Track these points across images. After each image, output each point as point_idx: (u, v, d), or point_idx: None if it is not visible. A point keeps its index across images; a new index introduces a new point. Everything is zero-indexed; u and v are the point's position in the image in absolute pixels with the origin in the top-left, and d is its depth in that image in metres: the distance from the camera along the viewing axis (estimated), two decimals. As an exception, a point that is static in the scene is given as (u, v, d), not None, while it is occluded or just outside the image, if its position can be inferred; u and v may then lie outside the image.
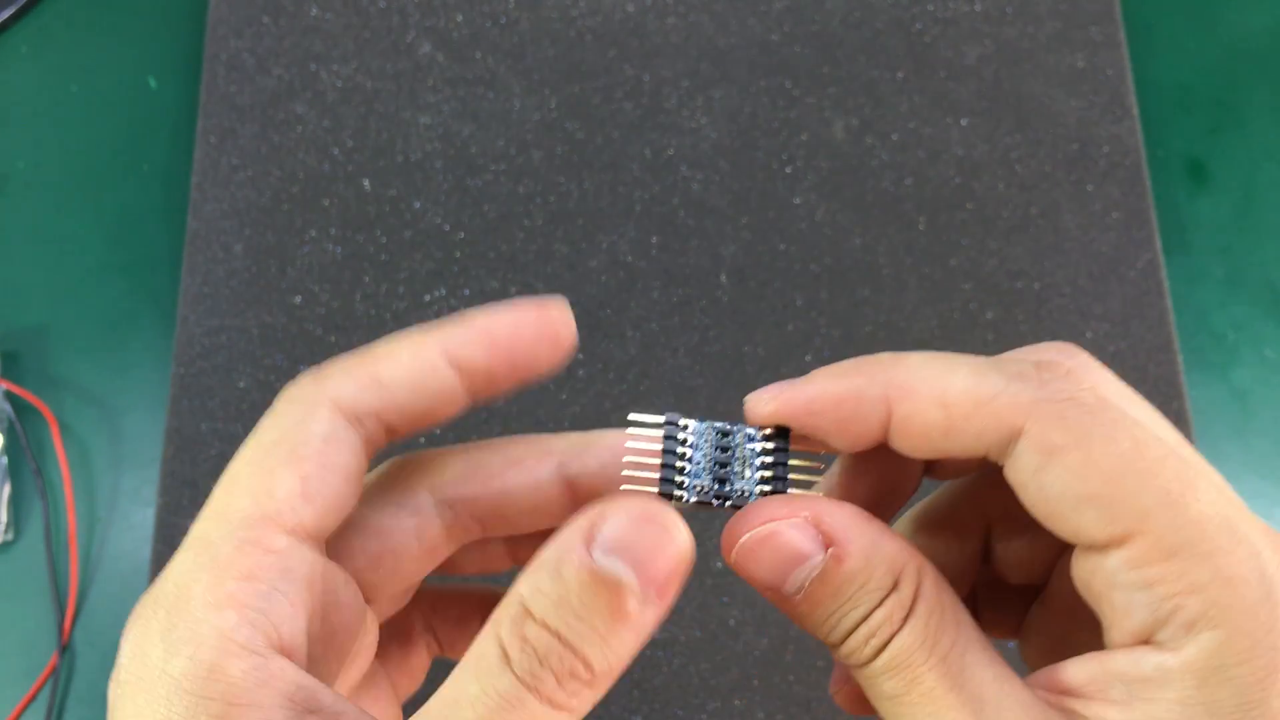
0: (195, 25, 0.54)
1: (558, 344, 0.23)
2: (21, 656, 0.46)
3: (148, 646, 0.20)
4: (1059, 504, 0.20)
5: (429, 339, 0.23)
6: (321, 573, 0.21)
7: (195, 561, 0.20)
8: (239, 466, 0.22)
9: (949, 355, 0.21)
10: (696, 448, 0.22)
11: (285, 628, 0.20)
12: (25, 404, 0.48)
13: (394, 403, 0.22)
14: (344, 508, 0.22)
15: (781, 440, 0.22)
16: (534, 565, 0.20)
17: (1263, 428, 0.50)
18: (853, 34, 0.53)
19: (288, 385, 0.23)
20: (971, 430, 0.20)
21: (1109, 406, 0.20)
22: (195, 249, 0.49)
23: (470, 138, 0.51)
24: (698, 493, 0.22)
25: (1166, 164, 0.53)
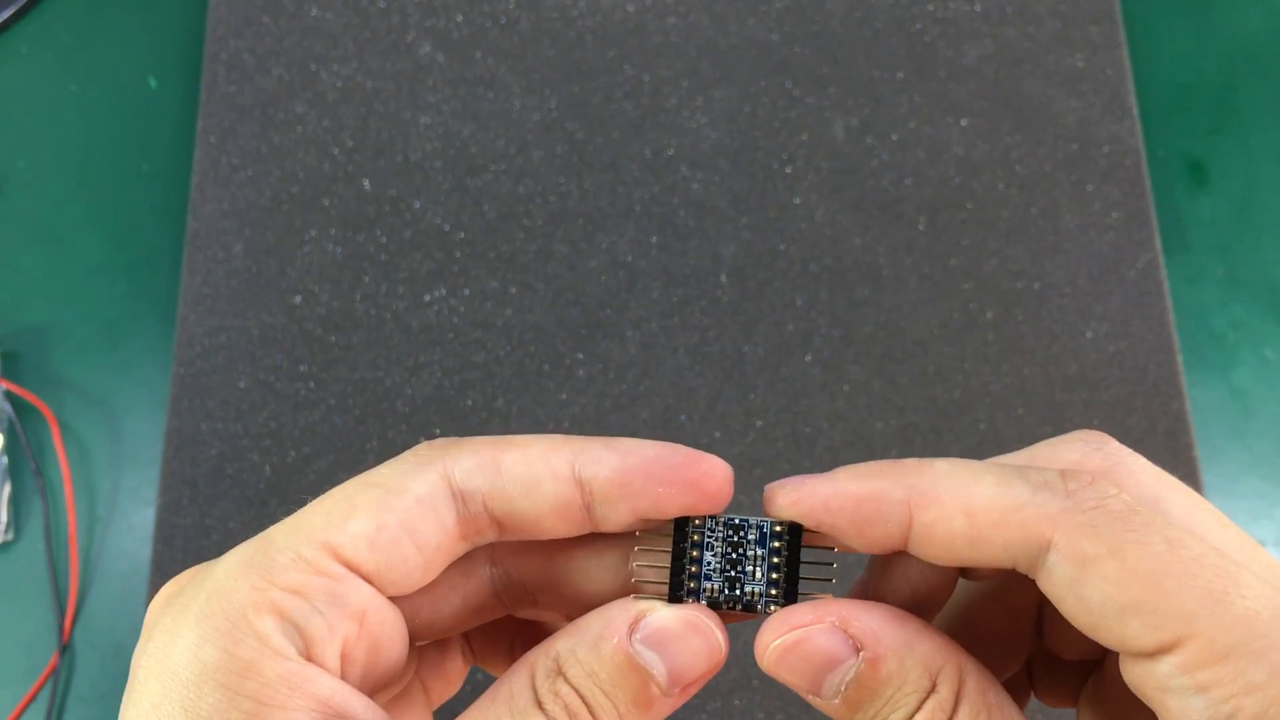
0: (195, 25, 0.54)
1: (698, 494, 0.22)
2: (22, 656, 0.46)
3: (182, 627, 0.20)
4: (1100, 615, 0.19)
5: (563, 444, 0.22)
6: (374, 610, 0.21)
7: (251, 559, 0.20)
8: (338, 490, 0.22)
9: (974, 463, 0.21)
10: (707, 548, 0.22)
11: (317, 647, 0.20)
12: (25, 404, 0.48)
13: (504, 493, 0.22)
14: (413, 573, 0.21)
15: (793, 538, 0.22)
16: (576, 627, 0.21)
17: (1263, 428, 0.50)
18: (853, 34, 0.53)
19: (424, 442, 0.23)
20: (998, 541, 0.20)
21: (1138, 510, 0.20)
22: (195, 249, 0.49)
23: (470, 138, 0.51)
24: (708, 596, 0.22)
25: (1166, 164, 0.53)
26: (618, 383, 0.48)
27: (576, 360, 0.48)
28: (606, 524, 0.22)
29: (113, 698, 0.45)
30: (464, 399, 0.48)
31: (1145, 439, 0.47)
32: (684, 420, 0.47)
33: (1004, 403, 0.48)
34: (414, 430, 0.47)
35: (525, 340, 0.48)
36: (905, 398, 0.48)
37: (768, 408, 0.48)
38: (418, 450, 0.22)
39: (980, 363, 0.48)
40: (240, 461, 0.47)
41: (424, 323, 0.49)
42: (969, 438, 0.47)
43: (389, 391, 0.48)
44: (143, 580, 0.46)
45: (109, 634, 0.46)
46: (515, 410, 0.47)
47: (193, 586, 0.21)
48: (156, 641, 0.20)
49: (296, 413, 0.47)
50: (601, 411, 0.47)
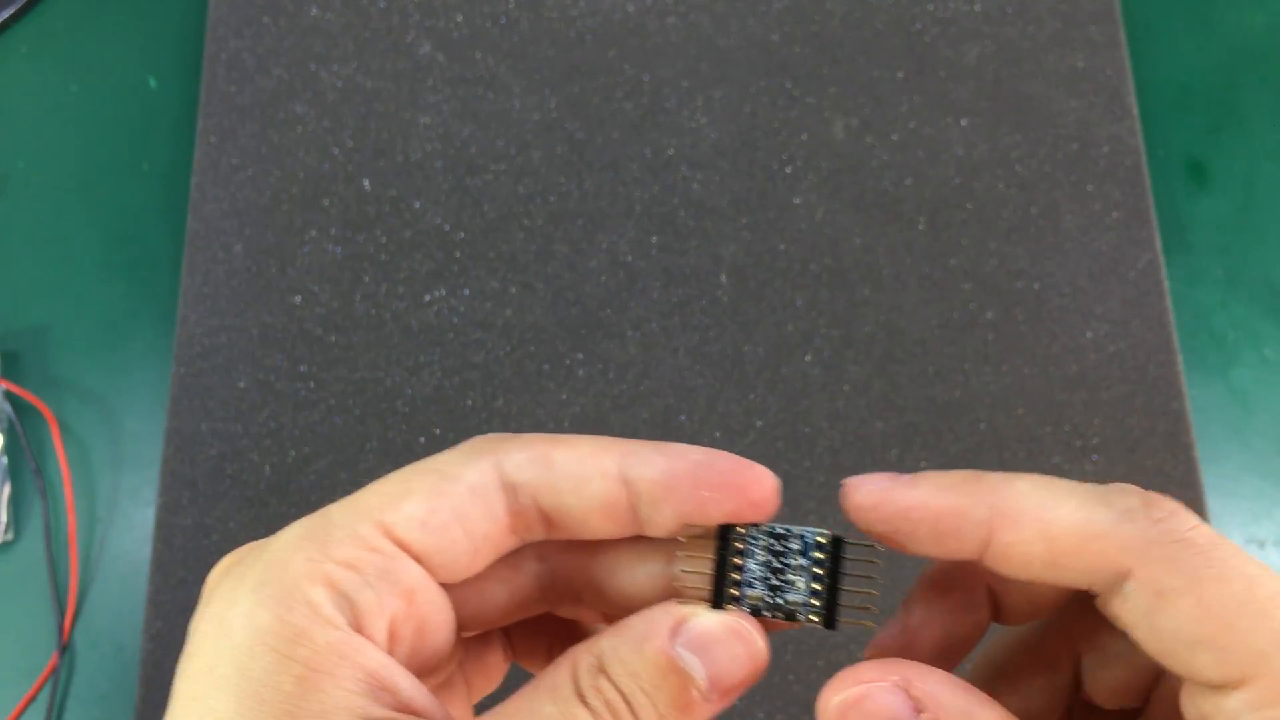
0: (195, 25, 0.54)
1: (744, 500, 0.22)
2: (22, 656, 0.46)
3: (239, 594, 0.20)
4: (1173, 644, 0.20)
5: (613, 445, 0.22)
6: (423, 590, 0.22)
7: (308, 533, 0.21)
8: (396, 474, 0.22)
9: (1057, 483, 0.21)
10: (750, 555, 0.22)
11: (366, 620, 0.21)
12: (25, 404, 0.48)
13: (554, 488, 0.22)
14: (461, 560, 0.22)
15: (836, 550, 0.22)
16: (620, 627, 0.21)
17: (1262, 428, 0.50)
18: (853, 34, 0.53)
19: (479, 435, 0.23)
20: (1076, 566, 0.20)
21: (1219, 545, 0.20)
22: (195, 249, 0.49)
23: (470, 138, 0.51)
24: (750, 603, 0.22)
25: (1166, 164, 0.53)
26: (618, 383, 0.48)
27: (576, 360, 0.48)
28: (651, 526, 0.22)
29: (113, 697, 0.45)
30: (464, 399, 0.48)
31: (1145, 439, 0.47)
32: (684, 420, 0.47)
33: (1004, 403, 0.48)
34: (414, 430, 0.47)
35: (525, 340, 0.48)
36: (905, 398, 0.48)
37: (768, 408, 0.48)
38: (474, 441, 0.23)
39: (980, 363, 0.48)
40: (240, 461, 0.47)
41: (424, 323, 0.49)
42: (969, 438, 0.47)
43: (389, 391, 0.48)
44: (142, 580, 0.46)
45: (109, 634, 0.46)
46: (515, 410, 0.47)
47: (251, 557, 0.21)
48: (214, 607, 0.21)
49: (296, 413, 0.47)
50: (601, 411, 0.47)
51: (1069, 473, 0.47)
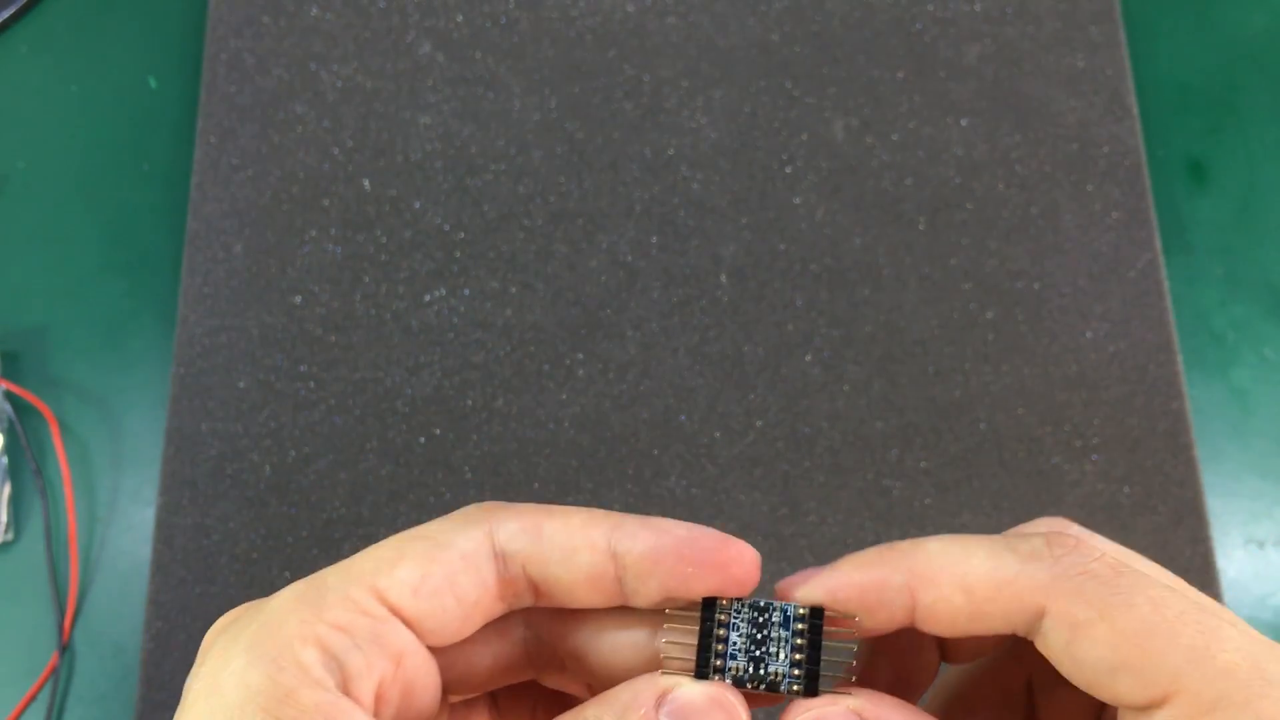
0: (195, 25, 0.54)
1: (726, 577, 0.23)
2: (22, 656, 0.46)
3: (233, 654, 0.21)
4: (1094, 674, 0.20)
5: (603, 519, 0.23)
6: (412, 655, 0.22)
7: (302, 595, 0.22)
8: (389, 540, 0.23)
9: (966, 539, 0.22)
10: (733, 628, 0.23)
11: (354, 683, 0.21)
12: (25, 404, 0.48)
13: (543, 558, 0.23)
14: (451, 625, 0.23)
15: (815, 620, 0.23)
16: (605, 697, 0.22)
17: (1262, 428, 0.50)
18: (853, 34, 0.53)
19: (474, 504, 0.24)
20: (997, 612, 0.21)
21: (1122, 572, 0.21)
22: (195, 249, 0.49)
23: (470, 138, 0.51)
24: (733, 675, 0.23)
25: (1166, 164, 0.53)
26: (618, 383, 0.48)
27: (576, 360, 0.48)
28: (637, 598, 0.23)
29: (113, 698, 0.45)
30: (464, 399, 0.48)
31: (1145, 439, 0.47)
32: (684, 420, 0.48)
33: (1004, 403, 0.48)
34: (414, 430, 0.47)
35: (525, 340, 0.48)
36: (905, 398, 0.48)
37: (768, 408, 0.48)
38: (467, 510, 0.23)
39: (980, 363, 0.48)
40: (240, 461, 0.47)
41: (424, 323, 0.49)
42: (969, 438, 0.47)
43: (389, 391, 0.48)
44: (143, 580, 0.46)
45: (109, 634, 0.46)
46: (515, 410, 0.47)
47: (246, 617, 0.22)
48: (208, 666, 0.21)
49: (296, 412, 0.47)
50: (601, 411, 0.47)
51: (1068, 473, 0.47)
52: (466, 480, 0.47)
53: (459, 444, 0.47)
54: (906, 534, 0.46)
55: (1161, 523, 0.46)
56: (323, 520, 0.46)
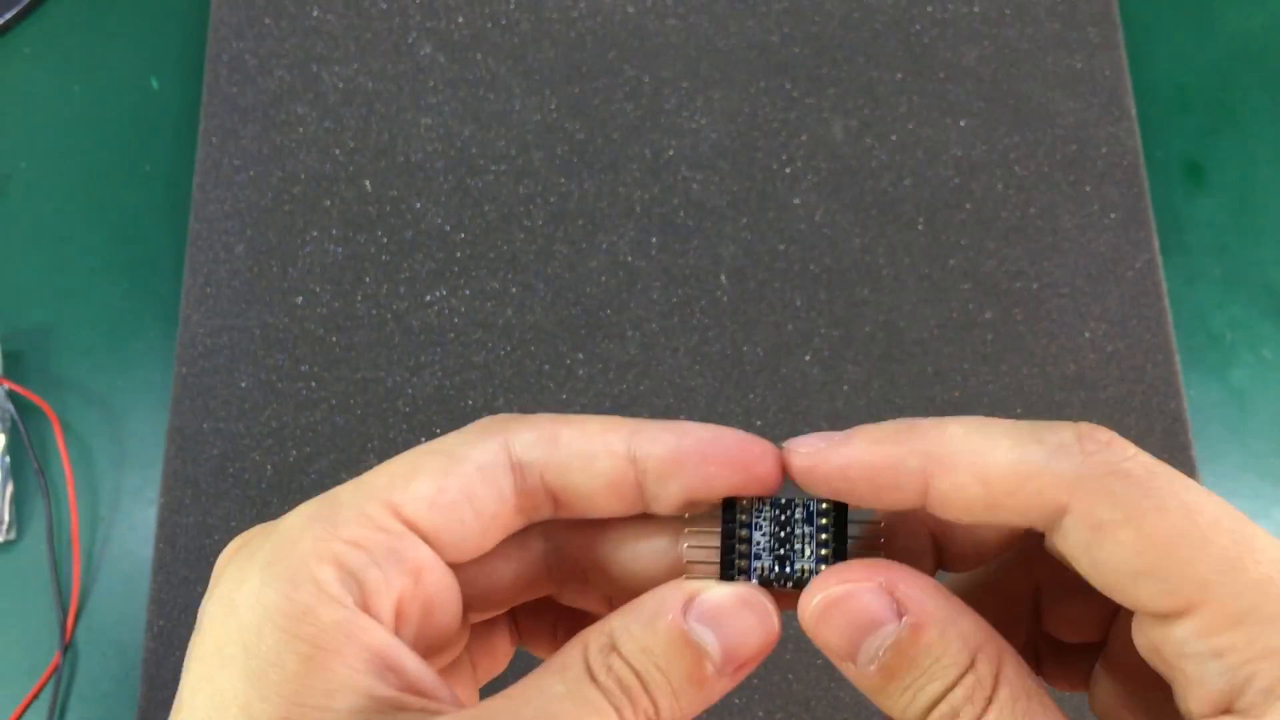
0: (197, 26, 0.54)
1: (749, 475, 0.22)
2: (24, 655, 0.46)
3: (247, 574, 0.20)
4: (1115, 577, 0.19)
5: (620, 423, 0.23)
6: (430, 570, 0.22)
7: (315, 514, 0.21)
8: (403, 455, 0.22)
9: (989, 424, 0.21)
10: (756, 527, 0.22)
11: (373, 599, 0.21)
12: (28, 403, 0.48)
13: (561, 466, 0.22)
14: (469, 539, 0.22)
15: (839, 514, 0.22)
16: (630, 607, 0.21)
17: (1260, 428, 0.50)
18: (852, 35, 0.53)
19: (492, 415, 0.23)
20: (1015, 506, 0.20)
21: (1156, 474, 0.20)
22: (197, 249, 0.50)
23: (471, 138, 0.51)
24: (758, 574, 0.22)
25: (1164, 164, 0.53)
26: (618, 383, 0.48)
27: (576, 360, 0.48)
28: (658, 504, 0.23)
29: (114, 697, 0.45)
30: (464, 399, 0.48)
31: (1143, 439, 0.48)
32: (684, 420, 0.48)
33: (1003, 403, 0.48)
34: (414, 430, 0.47)
35: (525, 340, 0.49)
36: (904, 398, 0.48)
37: (768, 408, 0.48)
38: (481, 422, 0.23)
39: (979, 363, 0.49)
40: (242, 461, 0.47)
41: (425, 323, 0.49)
42: (968, 437, 0.47)
43: (390, 391, 0.48)
44: (144, 579, 0.46)
45: (111, 633, 0.46)
46: (516, 410, 0.48)
47: (259, 538, 0.21)
48: (222, 587, 0.21)
49: (298, 412, 0.47)
50: (601, 412, 0.48)
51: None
52: (467, 480, 0.47)
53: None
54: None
55: (1159, 522, 0.46)
56: (324, 519, 0.46)
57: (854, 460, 0.21)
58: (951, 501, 0.21)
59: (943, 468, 0.21)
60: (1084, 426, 0.20)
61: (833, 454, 0.22)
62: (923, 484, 0.21)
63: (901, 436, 0.21)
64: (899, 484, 0.21)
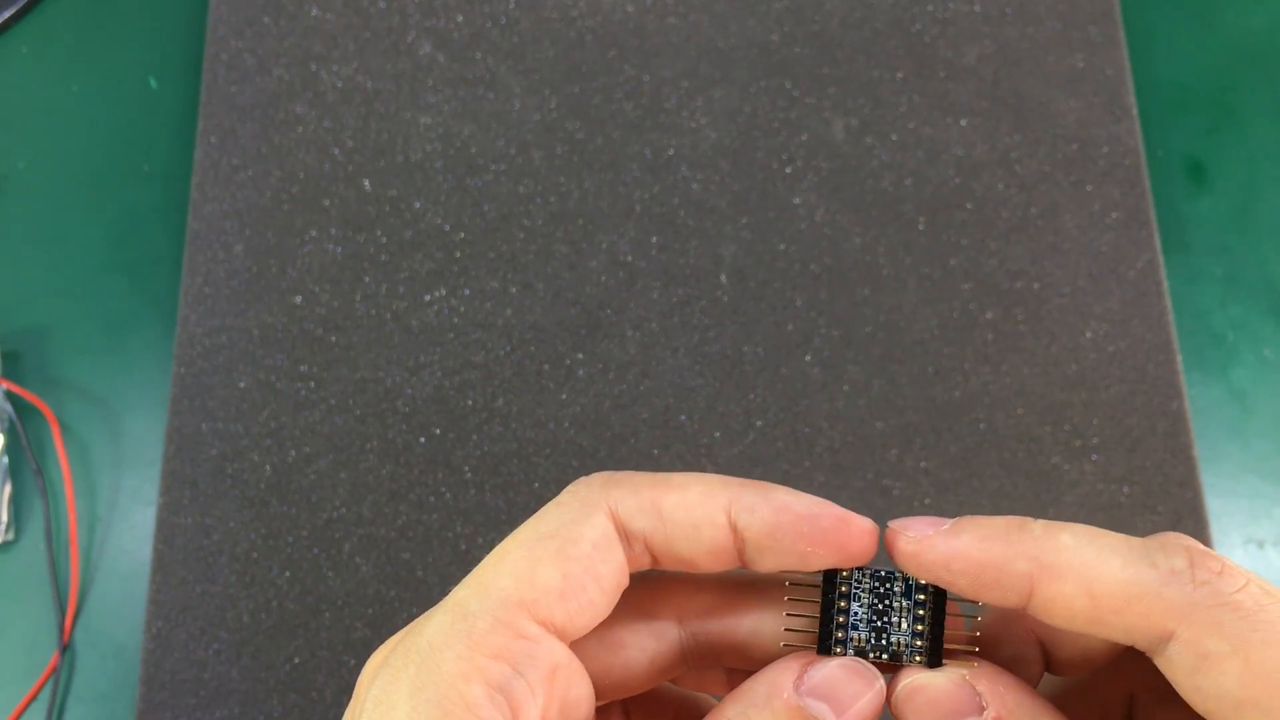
0: (196, 25, 0.54)
1: (845, 556, 0.22)
2: (22, 656, 0.46)
3: (395, 698, 0.21)
4: (1218, 705, 0.20)
5: (720, 489, 0.23)
6: (565, 666, 0.22)
7: (452, 628, 0.21)
8: (511, 547, 0.22)
9: (1101, 536, 0.21)
10: (854, 598, 0.23)
11: (522, 712, 0.21)
12: (26, 404, 0.48)
13: (665, 537, 0.23)
14: (597, 614, 0.23)
15: (939, 590, 0.23)
16: (741, 693, 0.21)
17: (1262, 428, 0.50)
18: (853, 34, 0.53)
19: (580, 480, 0.23)
20: (1119, 624, 0.20)
21: (1265, 606, 0.20)
22: (196, 249, 0.50)
23: (470, 138, 0.51)
24: (855, 646, 0.22)
25: (1166, 164, 0.53)
26: (618, 383, 0.48)
27: (576, 360, 0.48)
28: (757, 567, 0.23)
29: (113, 697, 0.45)
30: (464, 399, 0.48)
31: (1144, 439, 0.47)
32: (684, 420, 0.48)
33: (1004, 403, 0.48)
34: (414, 430, 0.47)
35: (525, 340, 0.49)
36: (905, 398, 0.48)
37: (768, 408, 0.48)
38: (576, 491, 0.23)
39: (980, 363, 0.48)
40: (241, 461, 0.47)
41: (424, 323, 0.49)
42: (969, 438, 0.47)
43: (389, 391, 0.48)
44: (143, 580, 0.46)
45: (110, 634, 0.46)
46: (515, 410, 0.47)
47: (400, 657, 0.21)
48: (370, 714, 0.21)
49: (297, 412, 0.47)
50: (601, 412, 0.48)
51: (1068, 473, 0.47)
52: (466, 480, 0.47)
53: (459, 444, 0.47)
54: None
55: (1161, 523, 0.46)
56: (323, 520, 0.46)
57: (960, 554, 0.22)
58: (1056, 609, 0.21)
59: (1050, 575, 0.21)
60: (1196, 552, 0.21)
61: (940, 544, 0.22)
62: (1028, 588, 0.21)
63: (1011, 537, 0.21)
64: (1003, 584, 0.21)
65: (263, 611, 0.45)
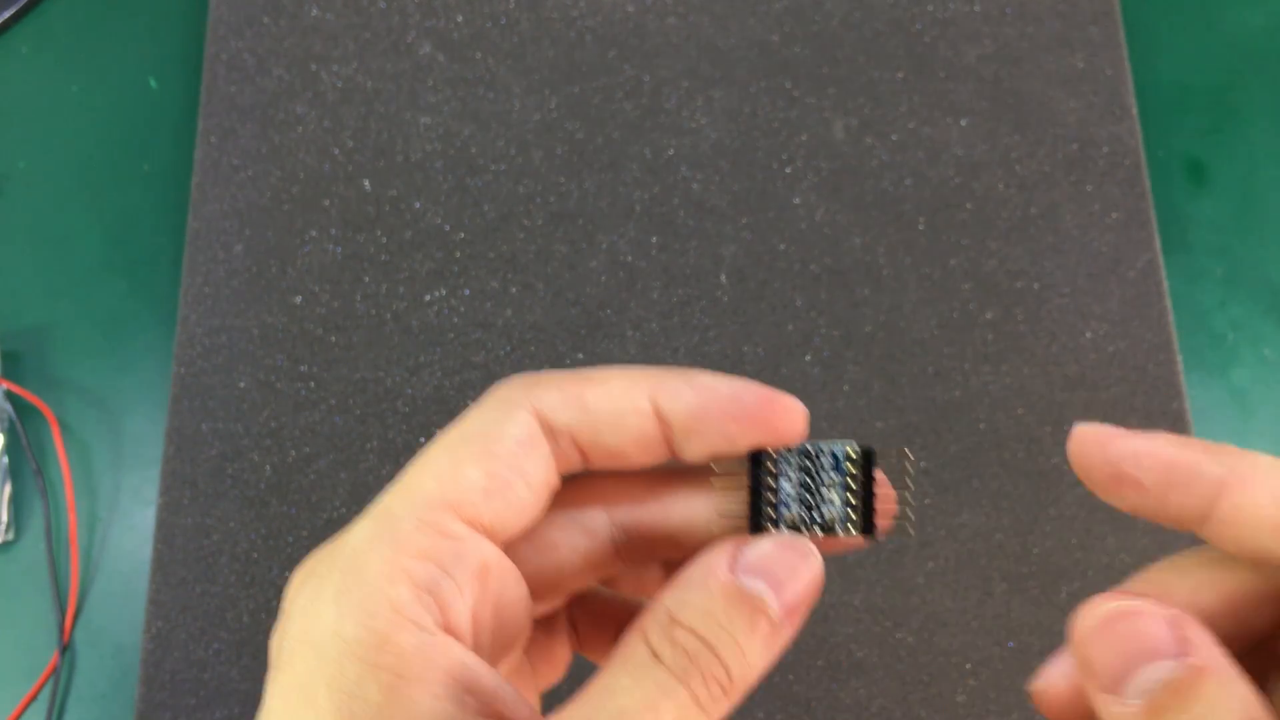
0: (196, 25, 0.54)
1: (772, 433, 0.22)
2: (22, 656, 0.46)
3: (321, 606, 0.20)
4: None
5: (642, 378, 0.23)
6: (495, 566, 0.22)
7: (376, 532, 0.21)
8: (434, 450, 0.22)
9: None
10: (784, 476, 0.22)
11: (451, 611, 0.20)
12: (26, 404, 0.48)
13: (591, 428, 0.22)
14: (526, 512, 0.22)
15: (866, 463, 0.22)
16: (678, 582, 0.21)
17: (1262, 428, 0.50)
18: (853, 34, 0.53)
19: (500, 382, 0.23)
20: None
21: None
22: (196, 249, 0.50)
23: (470, 138, 0.51)
24: (788, 523, 0.22)
25: (1166, 164, 0.53)
26: (618, 383, 0.48)
27: (576, 360, 0.48)
28: (685, 454, 0.23)
29: (113, 697, 0.45)
30: (464, 399, 0.48)
31: (1145, 439, 0.47)
32: (684, 420, 0.48)
33: (1004, 403, 0.48)
34: (414, 430, 0.47)
35: (525, 340, 0.49)
36: (905, 398, 0.48)
37: (767, 408, 0.48)
38: (498, 393, 0.23)
39: (980, 363, 0.48)
40: (241, 461, 0.47)
41: (424, 323, 0.49)
42: (969, 438, 0.47)
43: (389, 391, 0.48)
44: (143, 580, 0.46)
45: (109, 634, 0.46)
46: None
47: (325, 565, 0.21)
48: (297, 623, 0.21)
49: (297, 412, 0.47)
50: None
51: (1068, 473, 0.47)
52: (467, 480, 0.47)
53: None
54: (906, 534, 0.46)
55: (1161, 522, 0.46)
56: (323, 520, 0.46)
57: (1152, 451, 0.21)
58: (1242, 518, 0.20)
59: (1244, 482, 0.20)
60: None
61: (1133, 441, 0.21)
62: (1213, 495, 0.20)
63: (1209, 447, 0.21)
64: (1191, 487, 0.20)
65: (263, 611, 0.45)
